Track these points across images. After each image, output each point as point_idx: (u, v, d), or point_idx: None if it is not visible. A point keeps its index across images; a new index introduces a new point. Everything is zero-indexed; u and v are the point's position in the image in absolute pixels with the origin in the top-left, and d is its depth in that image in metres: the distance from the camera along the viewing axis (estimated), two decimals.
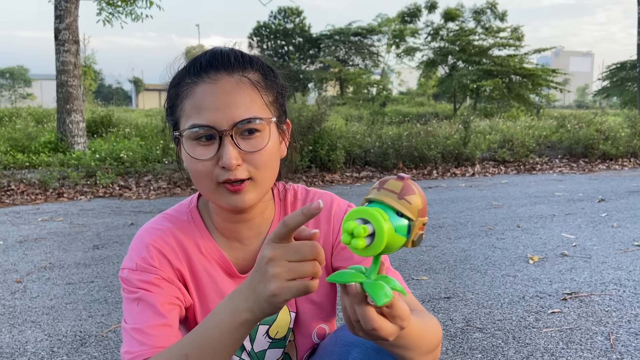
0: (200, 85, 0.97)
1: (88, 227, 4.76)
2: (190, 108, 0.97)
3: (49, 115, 13.91)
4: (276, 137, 1.03)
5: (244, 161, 0.97)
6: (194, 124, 0.95)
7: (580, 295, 3.00)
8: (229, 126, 0.94)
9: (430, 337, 0.94)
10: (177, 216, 1.12)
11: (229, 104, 0.95)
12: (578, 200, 6.04)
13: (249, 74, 0.99)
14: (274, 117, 1.02)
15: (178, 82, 1.01)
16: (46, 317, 2.74)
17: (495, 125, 11.93)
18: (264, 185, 1.01)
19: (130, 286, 1.02)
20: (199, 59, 1.00)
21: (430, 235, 4.45)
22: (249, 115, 0.96)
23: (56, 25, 8.40)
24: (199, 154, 0.96)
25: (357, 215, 0.68)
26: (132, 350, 0.95)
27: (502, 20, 25.85)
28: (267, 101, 1.01)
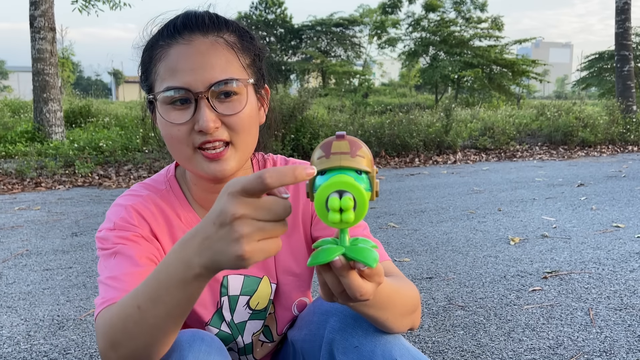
0: (174, 47, 0.93)
1: (67, 215, 4.68)
2: (164, 71, 0.93)
3: (26, 107, 13.65)
4: (254, 101, 1.00)
5: (222, 124, 0.94)
6: (168, 86, 0.92)
7: (561, 274, 3.03)
8: (204, 88, 0.91)
9: (405, 298, 0.93)
10: (155, 185, 1.09)
11: (203, 65, 0.92)
12: (558, 185, 6.11)
13: (224, 35, 0.96)
14: (252, 79, 0.99)
15: (151, 45, 0.97)
16: (22, 302, 2.68)
17: (477, 114, 12.01)
18: (244, 151, 0.98)
19: (106, 244, 0.97)
20: (173, 22, 0.97)
21: (413, 219, 4.46)
22: (225, 76, 0.92)
23: (31, 12, 8.21)
24: (174, 118, 0.93)
25: (330, 189, 0.63)
26: (104, 296, 0.89)
27: (482, 10, 25.97)
28: (244, 63, 0.98)
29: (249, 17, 33.61)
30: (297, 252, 1.15)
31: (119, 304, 0.82)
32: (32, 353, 2.14)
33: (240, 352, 1.19)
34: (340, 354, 0.97)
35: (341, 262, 0.66)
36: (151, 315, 0.76)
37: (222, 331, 1.14)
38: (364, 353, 0.94)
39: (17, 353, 2.14)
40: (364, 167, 0.65)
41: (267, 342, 1.21)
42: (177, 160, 1.00)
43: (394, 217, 4.57)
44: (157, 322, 0.77)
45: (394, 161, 8.39)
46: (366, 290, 0.70)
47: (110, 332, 0.81)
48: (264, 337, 1.20)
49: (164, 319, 0.77)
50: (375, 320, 0.90)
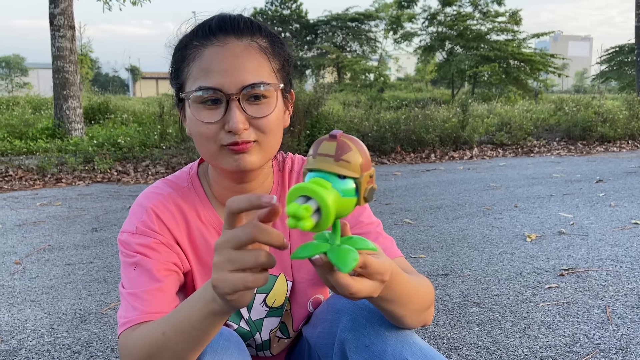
0: (209, 48, 0.96)
1: (87, 211, 4.77)
2: (197, 71, 0.96)
3: (46, 103, 13.85)
4: (281, 105, 1.03)
5: (250, 126, 0.96)
6: (201, 86, 0.94)
7: (578, 271, 3.01)
8: (236, 90, 0.94)
9: (422, 296, 0.94)
10: (177, 182, 1.11)
11: (237, 67, 0.94)
12: (576, 181, 6.05)
13: (257, 39, 0.99)
14: (281, 84, 1.02)
15: (185, 45, 1.00)
16: (46, 297, 2.75)
17: (493, 109, 11.91)
18: (269, 150, 1.01)
19: (128, 249, 1.01)
20: (208, 23, 0.99)
21: (429, 215, 4.46)
22: (256, 80, 0.95)
23: (51, 10, 8.33)
24: (204, 117, 0.95)
25: (297, 194, 0.62)
26: (126, 315, 0.95)
27: (500, 4, 25.66)
28: (275, 68, 1.00)
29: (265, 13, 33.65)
30: None
31: (146, 329, 0.89)
32: (55, 346, 2.20)
33: (258, 348, 1.22)
34: (352, 352, 0.99)
35: (322, 260, 0.67)
36: (174, 342, 0.84)
37: (241, 327, 1.17)
38: (375, 352, 0.96)
39: (41, 346, 2.20)
40: (345, 173, 0.64)
41: (283, 339, 1.24)
42: (203, 156, 1.03)
43: (409, 213, 4.57)
44: (179, 349, 0.84)
45: (410, 157, 8.37)
46: (357, 289, 0.70)
47: (135, 353, 0.89)
48: (281, 333, 1.23)
49: (187, 346, 0.84)
50: (392, 316, 0.92)
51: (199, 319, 0.79)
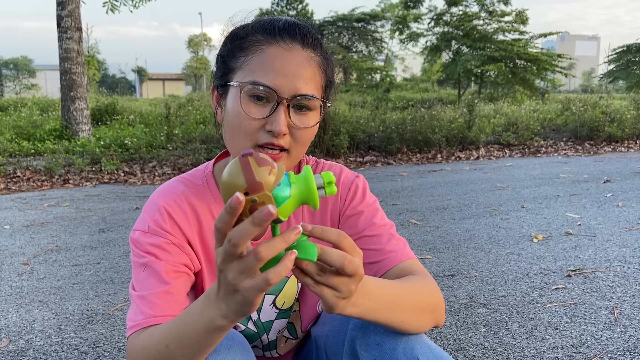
0: (274, 46, 0.97)
1: (94, 212, 4.79)
2: (256, 64, 0.97)
3: (53, 105, 13.94)
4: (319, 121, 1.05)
5: (288, 132, 0.98)
6: (258, 81, 0.95)
7: (585, 272, 3.00)
8: (289, 95, 0.96)
9: (416, 298, 0.94)
10: (192, 180, 1.12)
11: (296, 74, 0.96)
12: (583, 181, 6.02)
13: (317, 54, 1.02)
14: (329, 102, 1.05)
15: (246, 34, 1.01)
16: (53, 297, 2.77)
17: (500, 109, 11.87)
18: (294, 160, 1.04)
19: (139, 249, 1.02)
20: (276, 22, 1.01)
21: (435, 216, 4.45)
22: (309, 91, 0.97)
23: (58, 12, 8.38)
24: (251, 111, 0.96)
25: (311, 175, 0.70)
26: (134, 319, 0.97)
27: (506, 4, 25.52)
28: (323, 85, 1.03)
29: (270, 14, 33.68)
30: None
31: (150, 339, 0.91)
32: (62, 346, 2.22)
33: (264, 348, 1.22)
34: (363, 350, 0.99)
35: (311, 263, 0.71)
36: (179, 354, 0.85)
37: (248, 329, 1.17)
38: (386, 350, 0.95)
39: (49, 346, 2.22)
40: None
41: (291, 339, 1.24)
42: (233, 150, 1.03)
43: (415, 213, 4.56)
44: (185, 359, 0.86)
45: (416, 157, 8.35)
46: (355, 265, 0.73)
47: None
48: (288, 333, 1.23)
49: (192, 357, 0.85)
50: (389, 326, 0.91)
51: (205, 334, 0.81)
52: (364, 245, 1.10)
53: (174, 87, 57.12)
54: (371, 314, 0.85)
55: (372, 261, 1.08)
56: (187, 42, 54.83)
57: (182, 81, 61.20)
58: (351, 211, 1.14)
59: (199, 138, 8.15)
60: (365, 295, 0.82)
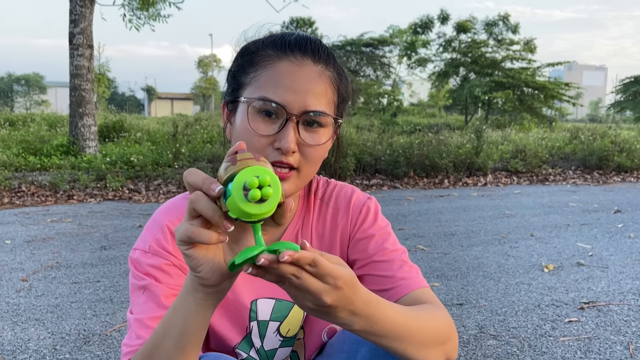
0: (284, 61, 0.94)
1: (96, 229, 4.74)
2: (266, 80, 0.94)
3: (62, 121, 14.02)
4: (330, 139, 1.00)
5: (298, 150, 0.94)
6: (267, 97, 0.92)
7: (598, 305, 2.90)
8: (298, 112, 0.92)
9: (426, 328, 0.88)
10: None
11: (306, 90, 0.93)
12: (593, 211, 5.93)
13: (330, 69, 0.98)
14: (340, 119, 1.01)
15: (257, 49, 0.98)
16: (50, 315, 2.70)
17: (508, 136, 11.83)
18: (304, 180, 0.99)
19: (139, 270, 0.98)
20: (287, 37, 0.98)
21: (442, 242, 4.37)
22: (320, 107, 0.94)
23: (71, 30, 8.46)
24: (259, 128, 0.92)
25: (251, 173, 0.65)
26: (129, 344, 0.93)
27: (515, 32, 25.72)
28: (336, 101, 1.00)
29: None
30: None
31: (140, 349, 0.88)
32: None
33: None
34: None
35: (267, 260, 0.65)
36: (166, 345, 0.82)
37: (250, 356, 1.11)
38: None
39: None
40: (270, 168, 0.69)
41: None
42: None
43: (423, 239, 4.48)
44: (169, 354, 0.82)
45: (423, 182, 8.29)
46: (307, 286, 0.68)
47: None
48: None
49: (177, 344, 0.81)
50: (393, 352, 0.85)
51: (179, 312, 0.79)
52: (374, 272, 1.05)
53: (182, 107, 57.60)
54: (375, 339, 0.80)
55: (382, 288, 1.03)
56: (197, 62, 55.41)
57: (190, 101, 61.72)
58: (362, 234, 1.09)
59: (205, 157, 8.13)
60: (370, 320, 0.76)
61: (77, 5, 8.38)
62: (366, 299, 0.76)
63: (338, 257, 0.73)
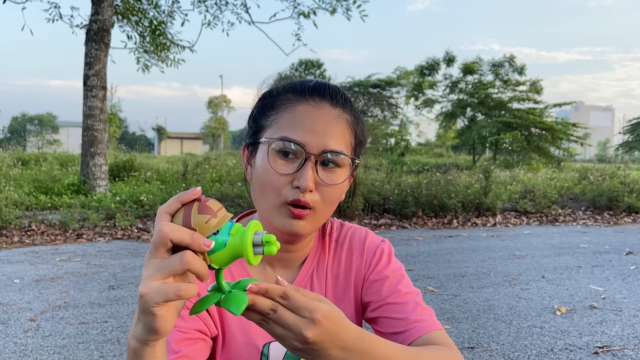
0: (304, 104, 0.98)
1: (105, 268, 4.73)
2: (285, 121, 0.97)
3: (73, 160, 14.20)
4: (347, 179, 1.02)
5: (316, 190, 0.96)
6: (286, 137, 0.95)
7: (613, 349, 2.84)
8: (317, 151, 0.95)
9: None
10: None
11: (324, 131, 0.96)
12: (604, 252, 5.86)
13: (347, 113, 1.02)
14: (357, 160, 1.03)
15: (277, 94, 1.02)
16: (57, 357, 2.67)
17: (516, 176, 11.82)
18: (320, 219, 1.00)
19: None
20: (306, 83, 1.02)
21: (452, 283, 4.32)
22: (338, 148, 0.97)
23: (85, 72, 8.68)
24: (279, 167, 0.95)
25: (252, 231, 0.68)
26: None
27: (521, 73, 26.03)
28: (353, 144, 1.03)
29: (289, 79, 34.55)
30: None
31: None
32: None
33: None
34: None
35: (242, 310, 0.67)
36: None
37: None
38: None
39: None
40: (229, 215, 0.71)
41: None
42: (260, 207, 1.00)
43: (432, 280, 4.44)
44: None
45: (432, 222, 8.25)
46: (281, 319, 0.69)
47: None
48: None
49: None
50: None
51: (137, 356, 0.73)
52: (387, 314, 1.05)
53: (191, 146, 58.22)
54: None
55: (396, 331, 1.03)
56: (207, 102, 56.32)
57: (200, 140, 62.42)
58: (375, 276, 1.09)
59: (214, 196, 8.17)
60: (359, 353, 0.76)
61: (92, 48, 8.63)
62: (357, 334, 0.76)
63: (318, 295, 0.74)
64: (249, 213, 1.14)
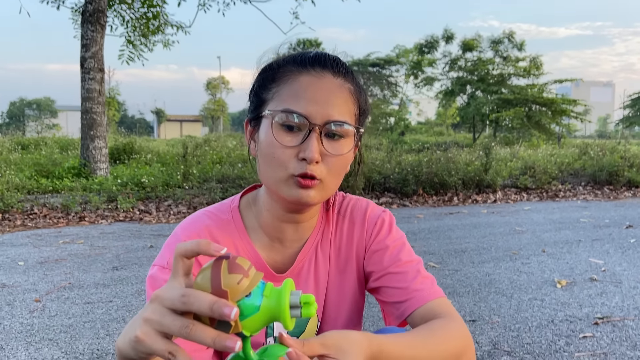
0: (305, 75, 0.97)
1: (108, 250, 4.77)
2: (287, 94, 0.96)
3: (73, 144, 14.18)
4: (352, 150, 1.02)
5: (322, 161, 0.96)
6: (290, 109, 0.94)
7: (613, 320, 2.87)
8: (321, 122, 0.94)
9: (435, 353, 0.89)
10: (217, 214, 1.09)
11: (327, 101, 0.96)
12: (604, 226, 5.89)
13: (349, 82, 1.01)
14: (361, 129, 1.03)
15: (277, 66, 1.01)
16: (64, 335, 2.71)
17: (516, 153, 11.81)
18: (328, 191, 1.00)
19: (155, 287, 0.97)
20: (307, 53, 1.01)
21: (453, 259, 4.35)
22: (342, 118, 0.96)
23: (82, 54, 8.62)
24: (283, 140, 0.94)
25: (287, 292, 0.64)
26: None
27: (520, 49, 25.83)
28: (356, 114, 1.02)
29: None
30: (347, 289, 1.13)
31: None
32: None
33: None
34: None
35: None
36: None
37: None
38: None
39: None
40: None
41: None
42: (266, 181, 1.00)
43: (433, 256, 4.47)
44: None
45: (432, 200, 8.28)
46: None
47: None
48: None
49: None
50: None
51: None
52: (389, 283, 1.06)
53: (191, 128, 58.07)
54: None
55: (397, 300, 1.04)
56: (206, 84, 56.02)
57: (199, 122, 62.24)
58: (376, 246, 1.10)
59: (215, 178, 8.18)
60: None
61: (88, 30, 8.55)
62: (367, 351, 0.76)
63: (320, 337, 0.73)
64: (254, 187, 1.15)
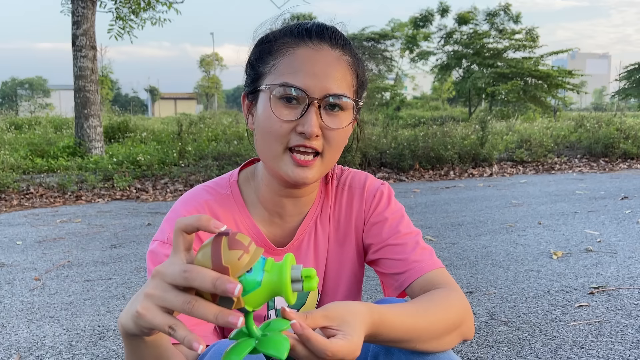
0: (302, 47, 0.95)
1: (106, 228, 4.77)
2: (285, 67, 0.94)
3: (67, 123, 14.08)
4: (351, 123, 1.01)
5: (321, 135, 0.95)
6: (287, 82, 0.92)
7: (608, 289, 2.91)
8: (320, 95, 0.93)
9: (434, 323, 0.88)
10: (216, 189, 1.08)
11: (325, 74, 0.94)
12: (600, 198, 5.92)
13: (347, 54, 1.00)
14: (360, 102, 1.02)
15: (274, 38, 0.99)
16: (64, 313, 2.73)
17: (512, 126, 11.80)
18: (328, 165, 1.00)
19: (155, 262, 0.97)
20: (303, 24, 0.99)
21: (450, 232, 4.38)
22: (340, 91, 0.95)
23: (73, 32, 8.49)
24: (282, 114, 0.93)
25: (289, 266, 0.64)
26: None
27: (516, 22, 25.57)
28: (355, 86, 1.01)
29: None
30: (346, 262, 1.13)
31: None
32: None
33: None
34: None
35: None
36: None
37: None
38: None
39: None
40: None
41: None
42: (263, 156, 0.99)
43: (430, 230, 4.49)
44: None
45: (429, 174, 8.29)
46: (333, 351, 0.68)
47: None
48: None
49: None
50: (404, 349, 0.88)
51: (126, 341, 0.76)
52: (388, 255, 1.06)
53: (185, 106, 57.69)
54: (387, 344, 0.83)
55: (396, 272, 1.05)
56: (199, 61, 55.43)
57: (193, 100, 61.79)
58: (375, 218, 1.10)
59: (211, 155, 8.16)
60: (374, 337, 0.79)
61: (79, 6, 8.41)
62: (369, 321, 0.76)
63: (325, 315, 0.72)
64: (252, 162, 1.14)
